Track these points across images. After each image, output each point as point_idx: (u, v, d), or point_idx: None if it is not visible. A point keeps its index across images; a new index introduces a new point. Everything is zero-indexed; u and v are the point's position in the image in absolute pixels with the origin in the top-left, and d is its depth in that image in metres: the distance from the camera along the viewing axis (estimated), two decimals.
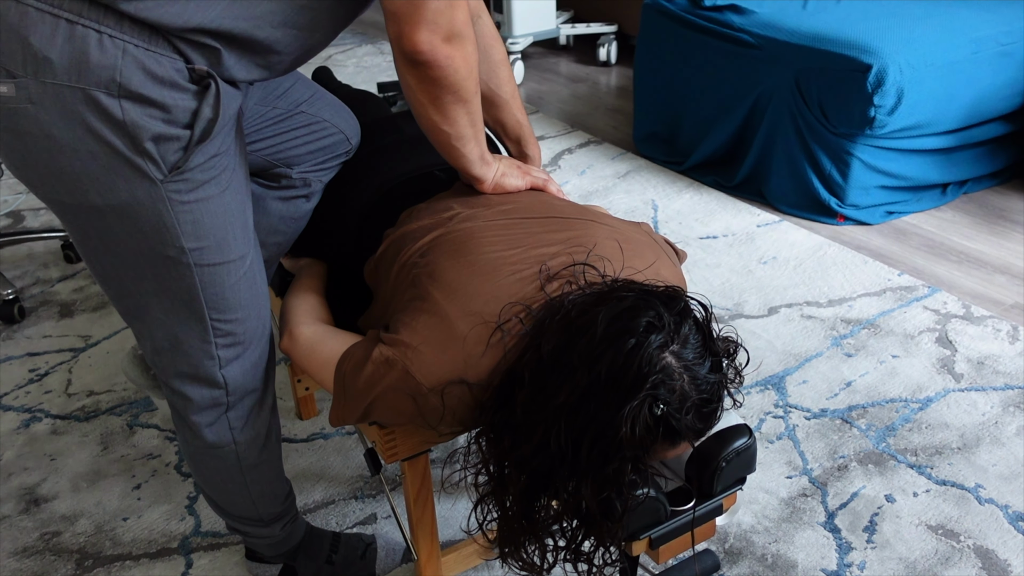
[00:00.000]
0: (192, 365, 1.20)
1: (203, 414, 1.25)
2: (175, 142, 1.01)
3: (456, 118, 1.12)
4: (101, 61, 0.93)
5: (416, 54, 1.03)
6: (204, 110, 1.01)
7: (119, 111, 0.95)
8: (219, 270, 1.12)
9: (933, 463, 1.74)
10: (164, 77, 0.97)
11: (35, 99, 0.94)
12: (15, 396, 2.06)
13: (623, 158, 3.21)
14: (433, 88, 1.08)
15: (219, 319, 1.16)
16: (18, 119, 0.96)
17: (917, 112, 2.51)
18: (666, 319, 0.95)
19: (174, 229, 1.06)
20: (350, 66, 4.48)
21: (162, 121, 0.98)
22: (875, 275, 2.39)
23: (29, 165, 1.00)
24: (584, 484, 0.96)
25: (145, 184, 1.01)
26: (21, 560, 1.61)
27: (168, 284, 1.11)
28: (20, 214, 2.98)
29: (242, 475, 1.34)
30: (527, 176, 1.31)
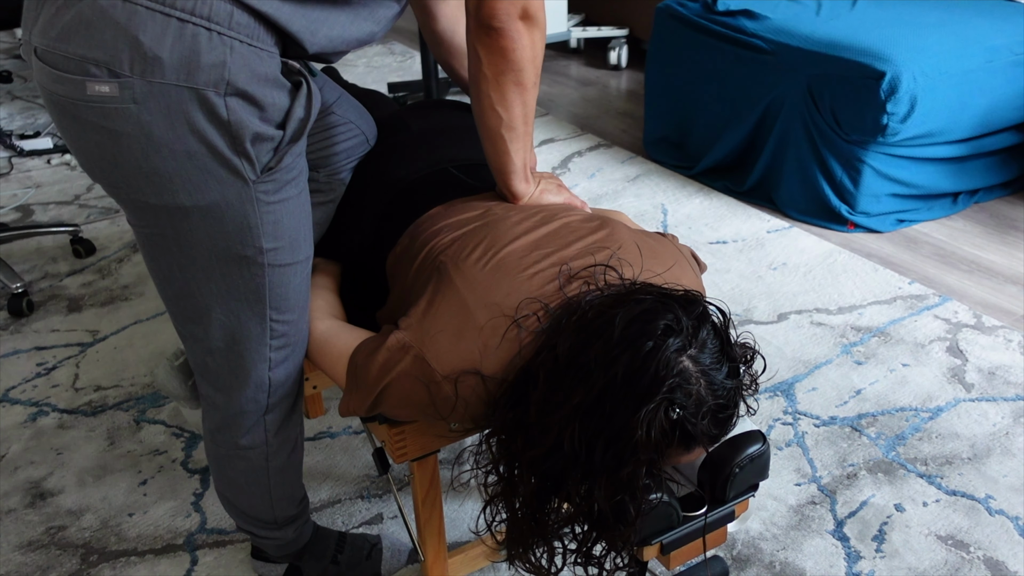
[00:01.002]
0: (245, 367, 1.19)
1: (245, 416, 1.25)
2: (269, 142, 1.01)
3: (511, 102, 1.14)
4: (211, 59, 0.93)
5: (492, 19, 1.06)
6: (296, 109, 1.02)
7: (224, 110, 0.95)
8: (288, 271, 1.13)
9: (943, 473, 1.73)
10: (267, 74, 0.97)
11: (139, 99, 0.93)
12: (22, 390, 2.06)
13: (633, 162, 3.21)
14: (499, 61, 1.10)
15: (278, 320, 1.16)
16: (116, 119, 0.94)
17: (930, 120, 2.50)
18: (684, 323, 0.95)
19: (257, 229, 1.06)
20: (360, 66, 4.48)
21: (260, 120, 0.99)
22: (885, 283, 2.38)
23: (119, 166, 0.98)
24: (597, 487, 0.96)
25: (237, 184, 1.01)
26: (26, 554, 1.61)
27: (237, 284, 1.10)
28: (29, 208, 2.98)
29: (268, 478, 1.34)
30: (564, 193, 1.32)
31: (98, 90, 0.92)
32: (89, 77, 0.92)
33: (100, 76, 0.92)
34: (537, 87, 1.16)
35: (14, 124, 3.73)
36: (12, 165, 3.34)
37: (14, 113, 3.87)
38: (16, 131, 3.61)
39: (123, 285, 2.49)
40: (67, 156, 3.40)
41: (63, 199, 3.04)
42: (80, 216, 2.91)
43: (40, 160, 3.38)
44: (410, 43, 4.80)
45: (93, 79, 0.92)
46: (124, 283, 2.50)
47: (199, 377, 1.24)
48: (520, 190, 1.26)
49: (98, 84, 0.92)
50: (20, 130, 3.63)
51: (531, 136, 1.22)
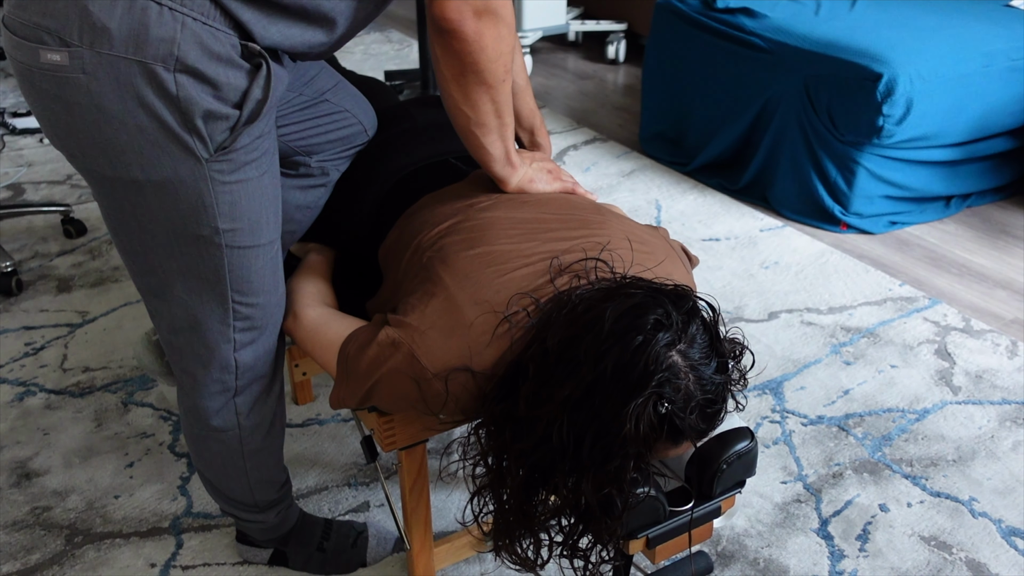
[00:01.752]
0: (208, 347, 1.19)
1: (213, 398, 1.25)
2: (223, 121, 1.00)
3: (477, 102, 1.10)
4: (160, 34, 0.92)
5: (443, 21, 1.01)
6: (254, 90, 1.01)
7: (173, 86, 0.95)
8: (248, 253, 1.12)
9: (928, 474, 1.74)
10: (220, 53, 0.96)
11: (88, 69, 0.93)
12: (10, 369, 2.05)
13: (628, 157, 3.21)
14: (456, 63, 1.06)
15: (241, 302, 1.16)
16: (68, 88, 0.94)
17: (925, 123, 2.51)
18: (674, 317, 0.95)
19: (212, 209, 1.05)
20: (357, 53, 4.46)
21: (213, 98, 0.98)
22: (876, 284, 2.39)
23: (73, 135, 0.99)
24: (585, 480, 0.96)
25: (190, 162, 1.00)
26: (11, 533, 1.60)
27: (196, 263, 1.10)
28: (20, 187, 2.96)
29: (243, 460, 1.33)
30: (557, 181, 1.28)
31: (50, 58, 0.93)
32: (42, 45, 0.93)
33: (52, 44, 0.93)
34: (508, 81, 1.11)
35: (7, 102, 3.70)
36: (4, 143, 3.32)
37: (7, 91, 3.85)
38: (9, 109, 3.58)
39: (114, 267, 2.48)
40: None
41: (55, 179, 3.03)
42: (72, 196, 2.89)
43: (33, 139, 3.35)
44: (408, 31, 4.79)
45: (45, 47, 0.93)
46: (115, 264, 2.49)
47: (169, 356, 1.24)
48: (505, 175, 1.22)
49: (50, 52, 0.93)
50: (13, 108, 3.60)
51: (510, 127, 1.18)
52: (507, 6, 1.04)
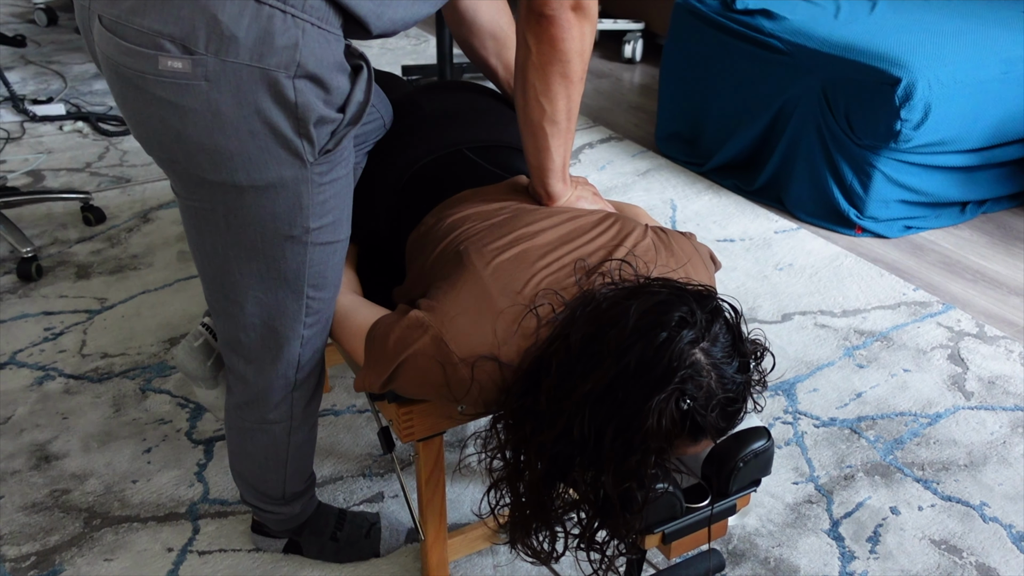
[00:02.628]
0: (279, 344, 1.21)
1: (274, 391, 1.27)
2: (329, 124, 1.02)
3: (556, 94, 1.14)
4: (284, 41, 0.93)
5: (545, 6, 1.06)
6: (356, 93, 1.03)
7: (292, 92, 0.96)
8: (328, 249, 1.15)
9: (939, 478, 1.74)
10: (333, 58, 0.98)
11: (211, 77, 0.93)
12: (29, 353, 2.07)
13: (644, 156, 3.22)
14: (548, 50, 1.10)
15: (314, 296, 1.18)
16: (187, 95, 0.94)
17: (943, 128, 2.51)
18: (698, 316, 0.96)
19: (308, 210, 1.07)
20: (375, 48, 4.48)
21: (323, 103, 0.99)
22: (890, 288, 2.39)
23: (181, 140, 0.98)
24: (605, 473, 0.97)
25: (296, 166, 1.02)
26: (30, 515, 1.62)
27: (278, 264, 1.11)
28: (40, 173, 2.99)
29: (287, 452, 1.36)
30: (599, 202, 1.31)
31: (171, 66, 0.92)
32: (162, 52, 0.92)
33: (173, 52, 0.92)
34: (582, 83, 1.16)
35: (27, 89, 3.73)
36: (24, 130, 3.34)
37: (27, 78, 3.87)
38: (29, 96, 3.61)
39: (132, 255, 2.50)
40: (79, 123, 3.40)
41: (74, 166, 3.05)
42: (91, 184, 2.92)
43: (52, 126, 3.38)
44: (425, 27, 4.80)
45: (166, 54, 0.92)
46: (133, 252, 2.51)
47: (229, 352, 1.25)
48: (557, 190, 1.24)
49: (171, 60, 0.92)
50: (33, 95, 3.63)
51: (572, 136, 1.21)
52: (595, 7, 1.10)
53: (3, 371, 2.01)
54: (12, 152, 3.15)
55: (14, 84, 3.75)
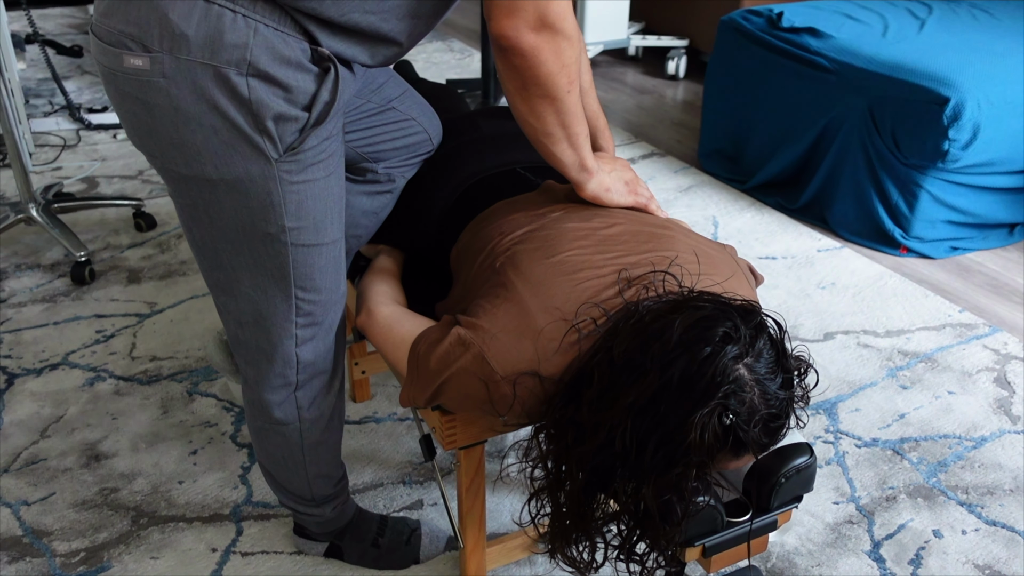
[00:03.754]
0: (271, 342, 1.23)
1: (275, 391, 1.29)
2: (293, 123, 1.04)
3: (542, 114, 1.12)
4: (234, 40, 0.97)
5: (500, 38, 1.03)
6: (323, 93, 1.04)
7: (246, 89, 0.99)
8: (312, 251, 1.16)
9: (984, 503, 1.72)
10: (290, 58, 1.01)
11: (168, 74, 0.98)
12: (81, 355, 2.13)
13: (686, 172, 3.22)
14: (516, 77, 1.07)
15: (303, 298, 1.20)
16: (149, 91, 1.00)
17: (992, 149, 2.48)
18: (742, 331, 0.96)
19: (279, 208, 1.09)
20: (420, 61, 4.53)
21: (284, 101, 1.02)
22: (935, 309, 2.36)
23: (152, 135, 1.04)
24: (646, 485, 0.98)
25: (260, 162, 1.05)
26: (80, 512, 1.67)
27: (262, 260, 1.14)
28: (95, 180, 3.07)
29: (302, 454, 1.38)
30: (632, 195, 1.28)
31: (133, 63, 0.98)
32: (125, 50, 0.99)
33: (135, 50, 0.98)
34: (573, 92, 1.11)
35: (83, 98, 3.83)
36: (80, 137, 3.44)
37: (83, 87, 3.98)
38: (85, 104, 3.71)
39: (181, 260, 2.56)
40: None
41: (127, 173, 3.13)
42: (143, 191, 2.99)
43: (107, 134, 3.47)
44: (470, 41, 4.85)
45: (129, 52, 0.98)
46: (182, 259, 2.57)
47: (234, 350, 1.29)
48: (581, 180, 1.22)
49: (133, 57, 0.98)
50: (89, 104, 3.73)
51: (582, 134, 1.17)
52: (566, 18, 1.04)
53: (56, 371, 2.06)
54: (68, 159, 3.24)
55: (71, 93, 3.86)
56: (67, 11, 5.36)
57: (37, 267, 2.51)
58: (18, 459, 1.79)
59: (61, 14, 5.31)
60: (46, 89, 3.93)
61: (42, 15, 5.20)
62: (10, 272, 2.49)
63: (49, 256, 2.57)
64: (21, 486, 1.73)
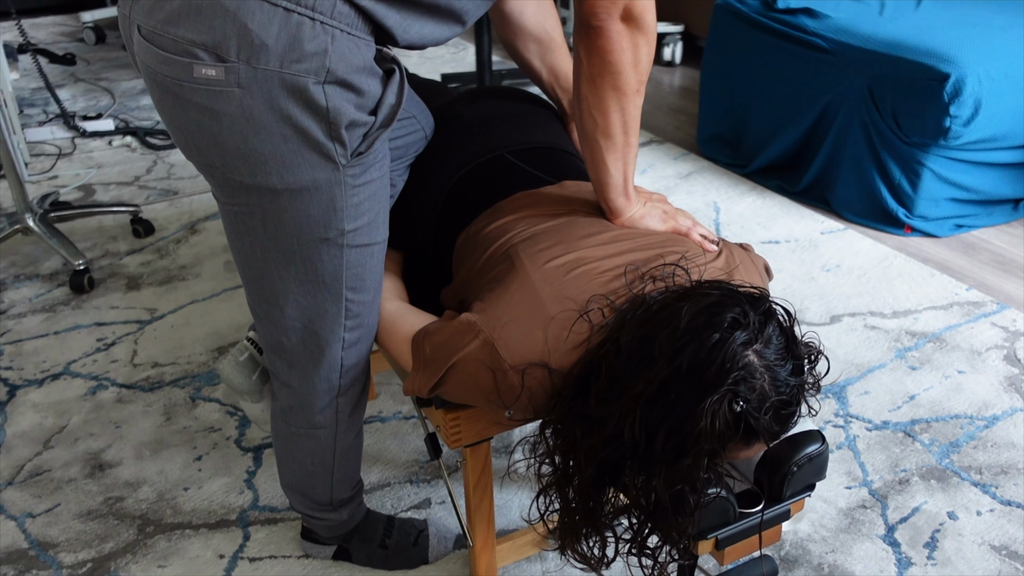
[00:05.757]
0: (320, 347, 1.21)
1: (320, 396, 1.28)
2: (361, 127, 1.03)
3: (608, 106, 1.12)
4: (314, 48, 0.95)
5: (592, 16, 1.04)
6: (388, 96, 1.04)
7: (323, 97, 0.97)
8: (365, 251, 1.15)
9: (998, 482, 1.70)
10: (363, 63, 1.00)
11: (244, 83, 0.95)
12: (83, 363, 2.11)
13: (685, 159, 3.19)
14: (597, 61, 1.08)
15: (353, 299, 1.18)
16: (220, 101, 0.97)
17: (993, 124, 2.45)
18: (751, 317, 0.94)
19: (341, 212, 1.08)
20: (414, 56, 4.51)
21: (355, 107, 1.01)
22: (942, 288, 2.34)
23: (217, 145, 1.01)
24: (656, 477, 0.96)
25: (328, 168, 1.03)
26: (86, 522, 1.65)
27: (315, 266, 1.13)
28: (91, 187, 3.05)
29: (333, 459, 1.37)
30: (670, 221, 1.24)
31: (204, 73, 0.95)
32: (196, 60, 0.95)
33: (207, 60, 0.94)
34: (640, 96, 1.13)
35: (77, 106, 3.81)
36: (75, 145, 3.42)
37: (77, 95, 3.96)
38: (79, 112, 3.69)
39: (180, 265, 2.54)
40: (128, 138, 3.47)
41: (123, 180, 3.11)
42: (139, 197, 2.97)
43: (102, 141, 3.45)
44: (464, 35, 4.82)
45: (200, 62, 0.95)
46: (182, 263, 2.55)
47: (273, 356, 1.26)
48: (618, 205, 1.20)
49: (205, 68, 0.94)
50: (83, 111, 3.71)
51: (633, 151, 1.17)
52: (651, 17, 1.07)
53: (58, 381, 2.05)
54: (64, 167, 3.22)
55: (65, 101, 3.84)
56: (58, 19, 5.34)
57: (36, 277, 2.49)
58: (22, 471, 1.78)
59: (52, 23, 5.29)
60: (40, 98, 3.91)
61: (33, 24, 5.18)
62: (9, 283, 2.47)
63: (47, 266, 2.55)
64: (26, 498, 1.71)
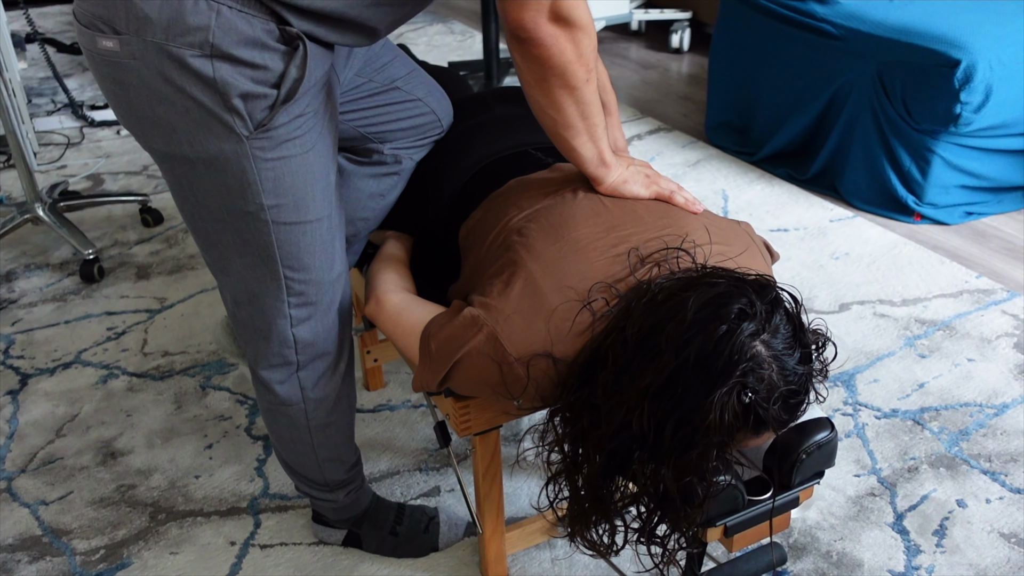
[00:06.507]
0: (266, 321, 1.23)
1: (274, 371, 1.29)
2: (262, 100, 1.04)
3: (562, 105, 1.10)
4: (196, 22, 0.97)
5: (519, 30, 1.02)
6: (291, 71, 1.04)
7: (211, 70, 0.99)
8: (295, 229, 1.15)
9: (1007, 470, 1.70)
10: (254, 38, 1.00)
11: (137, 55, 0.99)
12: (94, 352, 2.12)
13: (693, 147, 3.18)
14: (537, 68, 1.06)
15: (293, 277, 1.19)
16: (122, 72, 1.01)
17: (1004, 111, 2.44)
18: (758, 307, 0.94)
19: (255, 185, 1.10)
20: (421, 44, 4.50)
21: (251, 80, 1.02)
22: (952, 276, 2.33)
23: (132, 113, 1.06)
24: (665, 467, 0.96)
25: (232, 140, 1.05)
26: (98, 510, 1.67)
27: (247, 239, 1.15)
28: (100, 177, 3.06)
29: (310, 435, 1.37)
30: (653, 186, 1.22)
31: (104, 44, 1.00)
32: (98, 32, 1.00)
33: (106, 32, 1.00)
34: (591, 82, 1.10)
35: (85, 95, 3.82)
36: (83, 135, 3.43)
37: (85, 84, 3.97)
38: (87, 102, 3.70)
39: (189, 255, 2.55)
40: None
41: (132, 169, 3.12)
42: (148, 186, 2.98)
43: (110, 131, 3.46)
44: (471, 22, 4.80)
45: (101, 34, 1.00)
46: (190, 253, 2.56)
47: (235, 329, 1.29)
48: (599, 175, 1.20)
49: (105, 39, 1.00)
50: (91, 101, 3.72)
51: (599, 126, 1.16)
52: (582, 8, 1.04)
53: (69, 370, 2.06)
54: (72, 157, 3.23)
55: (73, 91, 3.84)
56: (66, 8, 5.34)
57: (46, 267, 2.51)
58: (35, 459, 1.80)
59: (60, 12, 5.29)
60: (48, 88, 3.92)
61: (41, 13, 5.18)
62: (19, 272, 2.48)
63: (57, 255, 2.57)
64: (39, 486, 1.73)
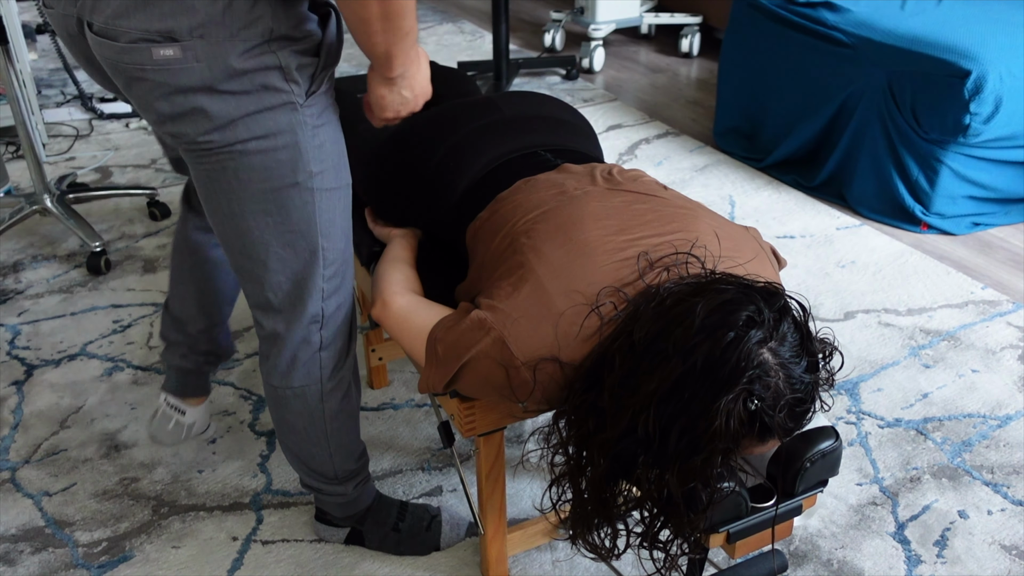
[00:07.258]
0: (303, 298, 1.26)
1: (301, 348, 1.30)
2: (308, 68, 1.10)
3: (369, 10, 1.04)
4: (256, 14, 1.03)
5: None
6: (328, 37, 1.11)
7: (274, 54, 1.05)
8: (332, 195, 1.21)
9: (1010, 482, 1.70)
10: (300, 14, 1.07)
11: (201, 57, 1.02)
12: (99, 345, 2.13)
13: (701, 151, 3.18)
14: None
15: (327, 247, 1.23)
16: (182, 76, 1.04)
17: (1014, 122, 2.44)
18: (766, 315, 0.95)
19: (306, 154, 1.14)
20: (431, 44, 4.50)
21: (300, 53, 1.08)
22: (957, 287, 2.33)
23: (187, 114, 1.07)
24: (669, 472, 0.96)
25: (287, 111, 1.10)
26: (101, 502, 1.67)
27: (289, 214, 1.18)
28: (108, 169, 3.07)
29: (324, 422, 1.38)
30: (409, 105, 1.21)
31: (164, 54, 1.02)
32: (153, 43, 1.02)
33: (161, 41, 1.02)
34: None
35: (95, 87, 3.83)
36: (92, 127, 3.44)
37: None
38: (97, 94, 3.71)
39: None
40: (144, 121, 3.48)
41: (140, 162, 3.13)
42: (156, 180, 2.99)
43: (119, 123, 3.47)
44: (481, 23, 4.81)
45: (156, 44, 1.02)
46: None
47: (261, 315, 1.29)
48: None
49: (162, 49, 1.02)
50: (100, 93, 3.73)
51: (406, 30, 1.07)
52: None
53: (74, 362, 2.07)
54: (81, 149, 3.24)
55: (82, 83, 3.85)
56: None
57: (53, 258, 2.51)
58: (39, 450, 1.80)
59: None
60: (58, 79, 3.93)
61: None
62: (27, 263, 2.49)
63: (65, 247, 2.57)
64: (42, 477, 1.73)
